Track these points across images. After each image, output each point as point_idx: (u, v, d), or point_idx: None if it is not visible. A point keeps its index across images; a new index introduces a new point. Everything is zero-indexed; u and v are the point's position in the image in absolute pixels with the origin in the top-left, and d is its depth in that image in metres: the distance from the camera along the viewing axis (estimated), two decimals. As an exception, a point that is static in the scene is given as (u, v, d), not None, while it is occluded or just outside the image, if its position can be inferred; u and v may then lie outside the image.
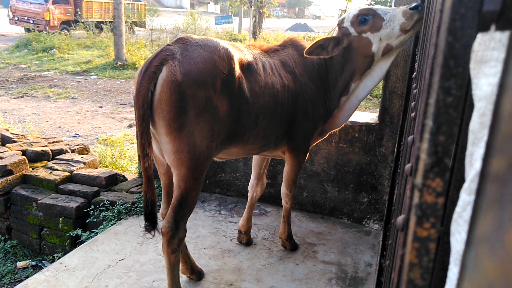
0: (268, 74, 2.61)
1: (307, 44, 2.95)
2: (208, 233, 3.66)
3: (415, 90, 1.94)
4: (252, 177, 3.38)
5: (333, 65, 2.87)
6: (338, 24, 2.79)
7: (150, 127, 2.28)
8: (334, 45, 2.68)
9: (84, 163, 4.58)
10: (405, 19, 2.56)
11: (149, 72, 2.18)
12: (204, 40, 2.39)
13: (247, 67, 2.49)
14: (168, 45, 2.33)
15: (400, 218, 0.91)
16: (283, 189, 3.17)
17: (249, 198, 3.39)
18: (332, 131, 3.22)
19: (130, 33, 20.21)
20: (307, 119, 2.83)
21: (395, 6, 3.37)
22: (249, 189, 3.40)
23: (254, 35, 20.74)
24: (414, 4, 2.56)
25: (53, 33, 18.12)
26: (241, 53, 2.51)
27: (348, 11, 2.80)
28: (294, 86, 2.75)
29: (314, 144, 3.20)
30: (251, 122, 2.51)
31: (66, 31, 19.68)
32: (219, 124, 2.31)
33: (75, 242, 3.88)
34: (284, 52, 2.88)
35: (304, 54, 2.64)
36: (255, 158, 3.34)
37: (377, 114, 3.77)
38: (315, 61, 2.89)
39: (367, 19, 2.64)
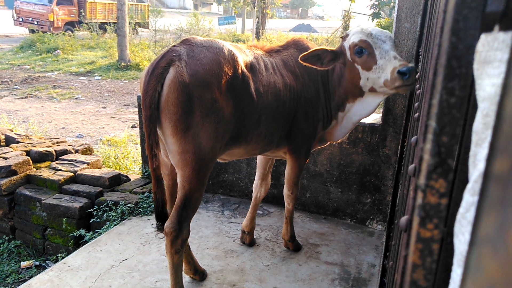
0: (270, 73, 2.62)
1: (311, 45, 2.95)
2: (211, 233, 3.66)
3: (419, 91, 1.94)
4: (256, 177, 3.38)
5: (334, 74, 2.85)
6: (342, 37, 2.70)
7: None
8: (330, 59, 2.61)
9: (88, 164, 4.60)
10: (390, 78, 2.43)
11: (156, 73, 2.19)
12: (209, 42, 2.40)
13: (250, 68, 2.50)
14: (173, 46, 2.34)
15: (404, 219, 0.91)
16: (285, 190, 3.18)
17: (253, 198, 3.39)
18: (331, 142, 3.21)
19: (133, 34, 20.25)
20: (307, 120, 2.84)
21: (398, 7, 3.36)
22: (253, 189, 3.40)
23: (257, 35, 20.75)
24: (404, 68, 2.34)
25: (57, 34, 18.20)
26: (244, 54, 2.52)
27: (355, 28, 2.65)
28: (295, 85, 2.76)
29: (314, 149, 3.20)
30: (254, 122, 2.52)
31: (70, 32, 19.76)
32: (224, 125, 2.32)
33: (79, 242, 3.89)
34: (286, 52, 2.88)
35: (299, 59, 2.56)
36: (259, 158, 3.34)
37: (381, 115, 3.76)
38: None
39: (363, 53, 2.54)
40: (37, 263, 4.01)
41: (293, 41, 2.99)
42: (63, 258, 3.51)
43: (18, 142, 4.86)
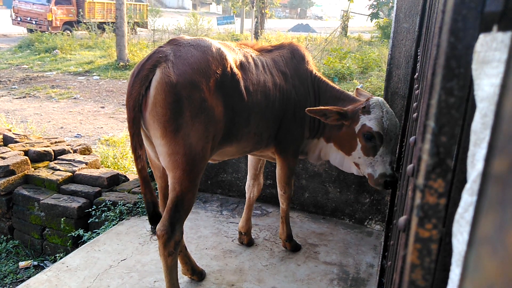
0: (260, 72, 2.62)
1: (307, 54, 2.99)
2: (210, 233, 3.66)
3: (417, 91, 1.94)
4: (248, 177, 3.39)
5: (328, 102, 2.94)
6: (363, 106, 2.68)
7: (145, 130, 2.27)
8: (336, 119, 2.66)
9: (86, 164, 4.59)
10: (375, 177, 2.67)
11: (141, 75, 2.16)
12: (196, 41, 2.38)
13: (239, 66, 2.49)
14: (160, 47, 2.32)
15: (402, 219, 0.91)
16: (278, 191, 3.20)
17: (246, 198, 3.39)
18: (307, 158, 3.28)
19: (132, 34, 20.24)
20: (296, 121, 2.85)
21: (396, 7, 3.37)
22: (246, 190, 3.40)
23: (256, 35, 20.75)
24: (392, 180, 2.62)
25: (55, 33, 18.15)
26: (233, 52, 2.52)
27: (378, 108, 2.63)
28: (285, 85, 2.77)
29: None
30: (243, 121, 2.51)
31: (68, 32, 19.70)
32: (214, 124, 2.30)
33: (77, 242, 3.89)
34: (277, 52, 2.89)
35: (306, 110, 2.62)
36: (250, 159, 3.34)
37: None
38: (309, 72, 2.93)
39: (370, 141, 2.64)
40: (35, 263, 4.00)
41: (289, 44, 3.00)
42: (61, 258, 3.50)
43: (16, 142, 4.85)
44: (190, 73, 2.19)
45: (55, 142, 5.07)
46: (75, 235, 3.86)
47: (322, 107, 2.63)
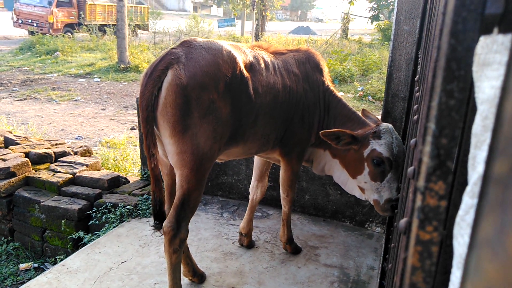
0: (270, 73, 2.64)
1: (322, 62, 3.00)
2: (210, 235, 3.66)
3: (418, 93, 1.94)
4: (253, 178, 3.39)
5: (337, 118, 2.95)
6: (374, 131, 2.69)
7: (155, 128, 2.32)
8: (348, 143, 2.66)
9: (87, 166, 4.59)
10: (381, 203, 2.69)
11: (154, 76, 2.22)
12: (208, 43, 2.42)
13: (249, 68, 2.51)
14: (173, 48, 2.37)
15: (403, 221, 0.91)
16: (281, 193, 3.20)
17: (250, 200, 3.39)
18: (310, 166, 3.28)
19: (133, 36, 20.28)
20: (303, 125, 2.86)
21: (397, 10, 3.37)
22: (250, 191, 3.40)
23: (257, 38, 20.80)
24: (396, 204, 2.59)
25: (56, 35, 18.21)
26: (243, 55, 2.54)
27: (389, 135, 2.65)
28: (296, 88, 2.77)
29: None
30: (251, 122, 2.54)
31: (69, 34, 19.75)
32: (222, 125, 2.33)
33: (77, 244, 3.88)
34: (292, 54, 2.91)
35: (320, 133, 2.64)
36: (256, 160, 3.34)
37: (380, 117, 3.76)
38: (321, 82, 2.94)
39: (380, 166, 2.65)
40: (36, 265, 3.99)
41: (306, 50, 3.02)
42: (61, 260, 3.50)
43: (17, 143, 4.85)
44: (200, 76, 2.23)
45: (56, 144, 5.07)
46: (76, 237, 3.86)
47: (336, 130, 2.64)
